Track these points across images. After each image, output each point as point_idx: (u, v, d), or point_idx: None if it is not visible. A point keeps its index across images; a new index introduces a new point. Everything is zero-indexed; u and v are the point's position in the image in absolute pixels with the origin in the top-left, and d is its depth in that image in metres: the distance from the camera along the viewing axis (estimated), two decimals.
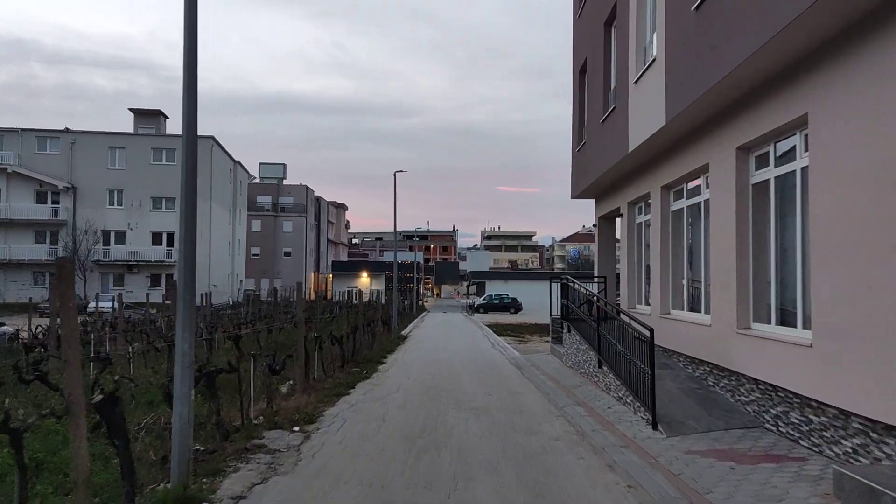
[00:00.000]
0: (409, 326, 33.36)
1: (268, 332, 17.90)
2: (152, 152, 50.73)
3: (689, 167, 9.81)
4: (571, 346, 13.97)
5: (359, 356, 16.37)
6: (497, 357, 17.83)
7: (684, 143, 9.90)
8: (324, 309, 35.73)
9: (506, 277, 76.48)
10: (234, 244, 60.61)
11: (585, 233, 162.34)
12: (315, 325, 24.63)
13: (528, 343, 23.77)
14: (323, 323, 25.10)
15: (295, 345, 11.76)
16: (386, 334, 23.53)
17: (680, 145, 10.12)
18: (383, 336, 22.79)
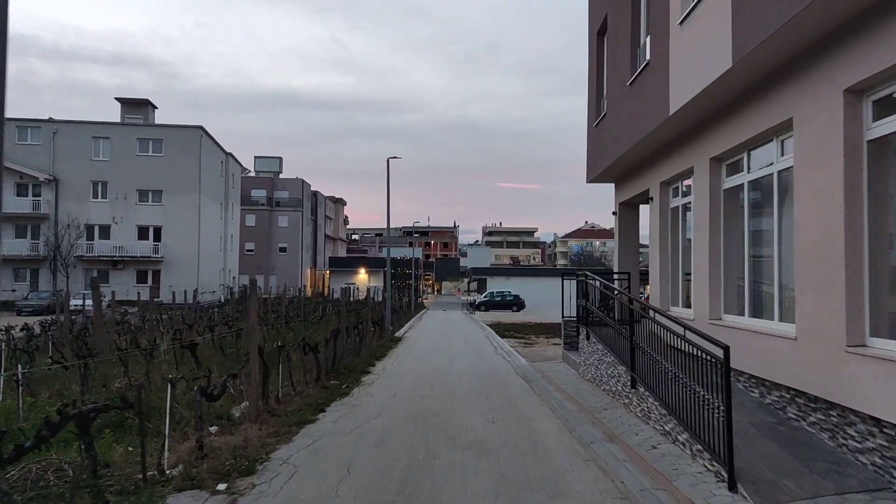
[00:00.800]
0: (404, 327, 31.06)
1: (235, 336, 15.60)
2: (138, 143, 48.39)
3: (757, 128, 7.46)
4: (591, 356, 11.66)
5: (341, 365, 14.07)
6: (501, 365, 15.51)
7: (754, 94, 7.54)
8: (314, 307, 33.47)
9: (508, 274, 74.15)
10: (226, 239, 58.31)
11: (588, 228, 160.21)
12: (304, 325, 22.39)
13: (534, 346, 21.46)
14: (311, 323, 22.82)
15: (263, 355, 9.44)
16: (377, 337, 21.23)
17: (744, 100, 7.76)
18: (374, 339, 20.48)
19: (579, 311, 12.99)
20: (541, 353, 19.00)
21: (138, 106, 51.77)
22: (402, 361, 16.26)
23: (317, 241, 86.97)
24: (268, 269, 73.30)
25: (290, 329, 18.36)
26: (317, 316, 26.04)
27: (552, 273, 76.88)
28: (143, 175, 48.05)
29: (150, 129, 49.11)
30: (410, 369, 14.63)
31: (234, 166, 61.52)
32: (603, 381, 10.65)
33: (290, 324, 19.47)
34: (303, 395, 10.50)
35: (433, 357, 17.35)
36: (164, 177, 48.16)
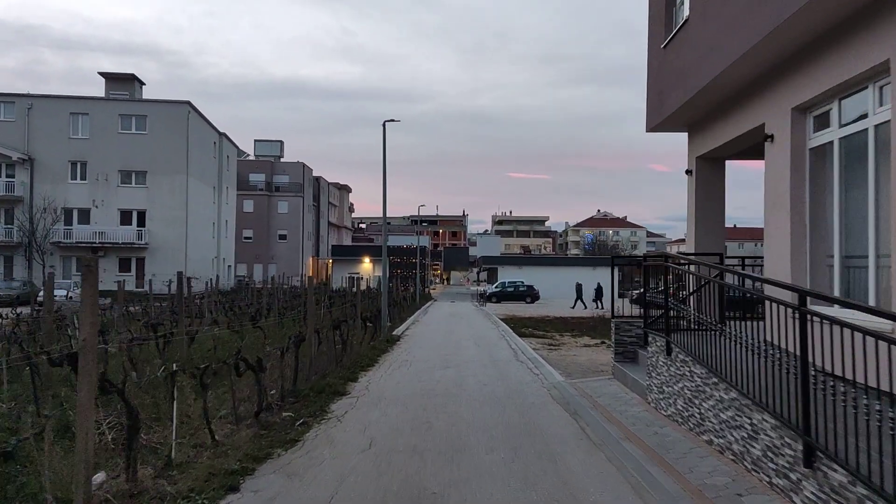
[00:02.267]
0: (406, 322, 27.06)
1: (189, 341, 11.63)
2: (120, 119, 44.54)
3: None
4: (676, 382, 7.62)
5: (307, 384, 10.11)
6: (527, 382, 11.46)
7: None
8: (303, 299, 29.51)
9: (520, 263, 70.02)
10: (219, 225, 54.50)
11: (601, 217, 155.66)
12: (281, 323, 18.47)
13: (561, 349, 17.42)
14: (288, 321, 18.88)
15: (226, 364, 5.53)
16: (369, 337, 17.27)
17: None
18: (365, 340, 16.50)
19: (647, 311, 8.97)
20: (573, 359, 14.95)
21: (123, 81, 47.89)
22: (395, 374, 12.26)
23: (319, 228, 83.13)
24: (267, 257, 69.56)
25: (259, 329, 14.44)
26: (297, 312, 22.08)
27: (567, 262, 72.67)
28: (126, 154, 44.24)
29: (133, 105, 45.22)
30: (403, 389, 10.62)
31: (230, 148, 57.64)
32: (705, 425, 6.62)
33: (258, 321, 15.54)
34: (220, 448, 6.52)
35: (436, 367, 13.34)
36: (149, 156, 44.32)
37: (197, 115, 47.18)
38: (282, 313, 20.14)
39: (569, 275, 65.56)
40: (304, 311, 21.98)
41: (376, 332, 18.31)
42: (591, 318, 30.59)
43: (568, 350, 17.29)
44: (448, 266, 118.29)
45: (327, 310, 24.95)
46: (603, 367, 13.68)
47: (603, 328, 24.78)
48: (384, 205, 20.44)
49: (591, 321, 28.91)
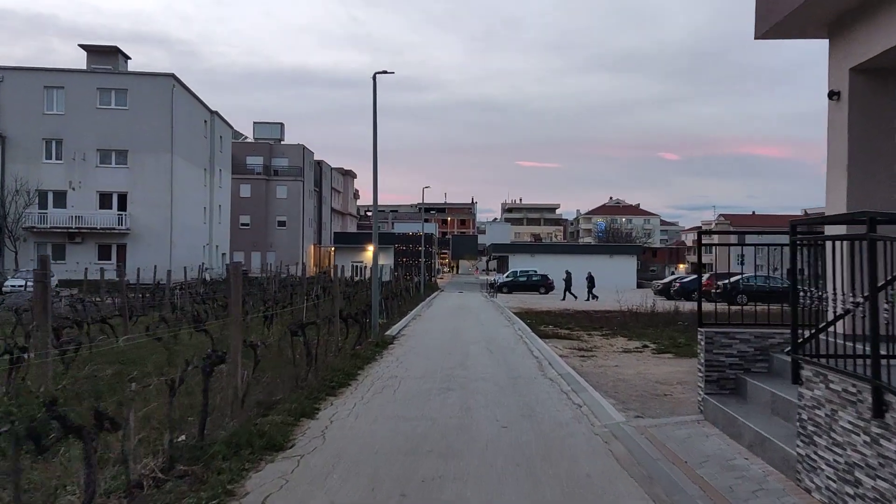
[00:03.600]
0: (406, 317, 23.34)
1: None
2: (99, 94, 40.90)
3: None
4: (886, 466, 3.82)
5: (227, 430, 6.41)
6: (570, 423, 7.60)
7: None
8: (292, 290, 25.88)
9: (532, 251, 66.23)
10: (211, 210, 50.95)
11: (613, 204, 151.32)
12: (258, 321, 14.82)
13: (597, 356, 13.65)
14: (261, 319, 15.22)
15: None
16: (352, 341, 13.56)
17: None
18: (343, 347, 12.79)
19: (797, 322, 5.19)
20: (618, 374, 11.17)
21: (106, 55, 44.19)
22: (374, 403, 8.51)
23: (321, 215, 79.53)
24: (265, 245, 66.05)
25: (204, 333, 10.83)
26: (281, 304, 18.41)
27: (582, 250, 68.74)
28: (105, 132, 40.63)
29: (112, 78, 41.53)
30: (379, 436, 6.87)
31: (223, 128, 53.96)
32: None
33: (203, 322, 11.87)
34: None
35: (434, 388, 9.58)
36: (130, 134, 40.70)
37: (183, 90, 43.47)
38: (265, 307, 16.47)
39: (584, 263, 61.61)
40: (283, 303, 18.31)
41: (363, 333, 14.59)
42: (617, 311, 26.78)
43: (605, 357, 13.51)
44: (456, 254, 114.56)
45: (314, 304, 21.31)
46: (663, 387, 9.91)
47: (635, 325, 21.02)
48: (374, 174, 16.67)
49: (619, 315, 25.12)
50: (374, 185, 16.83)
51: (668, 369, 11.84)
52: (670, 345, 15.52)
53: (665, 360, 13.26)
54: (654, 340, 16.64)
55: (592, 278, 41.09)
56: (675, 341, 16.23)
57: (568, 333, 18.28)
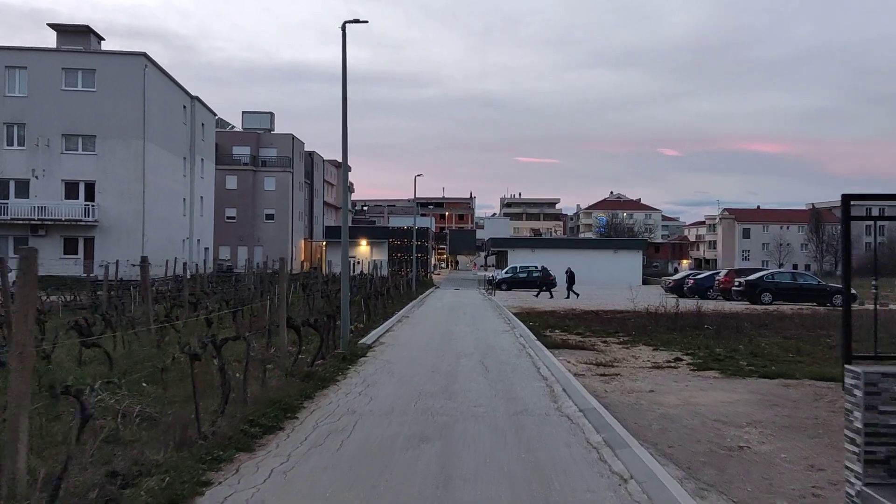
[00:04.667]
0: (390, 320, 20.31)
1: None
2: (64, 74, 37.73)
3: None
4: None
5: None
6: None
7: None
8: (260, 292, 22.91)
9: (532, 246, 63.21)
10: (192, 202, 47.82)
11: (614, 199, 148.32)
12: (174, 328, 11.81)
13: (622, 374, 10.65)
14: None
15: None
16: (310, 356, 10.56)
17: None
18: (292, 366, 9.78)
19: None
20: (656, 403, 8.15)
21: (77, 35, 40.95)
22: (294, 483, 5.43)
23: (313, 208, 76.47)
24: (252, 239, 62.95)
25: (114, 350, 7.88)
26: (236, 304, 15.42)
27: (585, 245, 65.71)
28: (71, 115, 37.47)
29: (79, 57, 38.34)
30: None
31: (205, 115, 50.81)
32: None
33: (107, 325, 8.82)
34: None
35: (399, 448, 6.45)
36: (99, 118, 37.54)
37: (158, 71, 40.31)
38: (211, 308, 13.45)
39: (587, 259, 58.74)
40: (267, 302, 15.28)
41: (325, 344, 11.56)
42: (631, 312, 23.78)
43: (633, 376, 10.51)
44: (454, 250, 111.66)
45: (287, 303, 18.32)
46: (731, 431, 6.91)
47: (654, 329, 18.06)
48: (344, 138, 13.56)
49: (633, 317, 22.15)
50: (343, 150, 13.75)
51: (722, 397, 8.84)
52: (708, 357, 12.54)
53: (710, 380, 10.27)
54: (685, 350, 13.68)
55: (573, 274, 38.43)
56: (712, 352, 13.26)
57: (579, 341, 15.26)
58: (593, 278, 55.79)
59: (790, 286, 27.98)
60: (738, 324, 19.35)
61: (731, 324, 19.31)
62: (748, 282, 28.18)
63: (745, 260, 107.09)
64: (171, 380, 8.73)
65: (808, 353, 13.20)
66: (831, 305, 27.36)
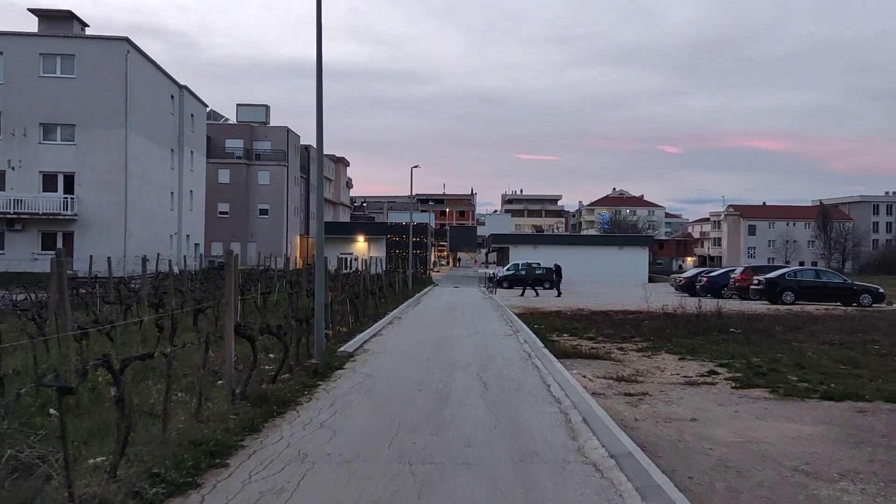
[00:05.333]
0: (381, 321, 18.34)
1: None
2: (42, 60, 35.74)
3: None
4: None
5: None
6: None
7: None
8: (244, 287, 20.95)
9: (535, 242, 61.22)
10: (181, 195, 45.87)
11: (617, 196, 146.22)
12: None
13: (649, 392, 8.72)
14: None
15: None
16: (276, 368, 8.62)
17: None
18: (249, 386, 7.82)
19: None
20: (717, 450, 6.13)
21: (59, 20, 38.85)
22: None
23: (309, 203, 74.50)
24: (245, 235, 61.05)
25: None
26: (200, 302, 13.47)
27: (589, 241, 63.65)
28: (50, 104, 35.49)
29: (58, 42, 36.34)
30: None
31: (195, 105, 48.80)
32: None
33: None
34: None
35: (367, 488, 4.57)
36: (79, 106, 35.57)
37: (142, 58, 38.30)
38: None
39: (591, 255, 56.80)
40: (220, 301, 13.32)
41: (290, 354, 9.59)
42: (644, 313, 21.81)
43: (665, 397, 8.55)
44: (454, 247, 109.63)
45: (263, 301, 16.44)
46: (823, 488, 4.92)
47: (673, 332, 16.15)
48: (319, 102, 11.54)
49: (646, 318, 20.20)
50: (317, 115, 11.75)
51: (788, 430, 6.87)
52: (748, 370, 10.58)
53: (762, 403, 8.31)
54: (716, 359, 11.76)
55: (559, 270, 36.65)
56: (749, 363, 11.31)
57: (592, 348, 13.28)
58: (597, 276, 53.83)
59: (814, 285, 25.95)
60: (766, 327, 17.37)
61: (759, 327, 17.34)
62: (769, 280, 26.15)
63: (750, 257, 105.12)
64: (87, 404, 6.82)
65: (863, 365, 11.22)
66: (858, 305, 25.37)
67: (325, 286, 11.48)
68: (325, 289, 13.94)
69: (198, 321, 12.54)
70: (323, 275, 11.58)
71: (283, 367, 9.34)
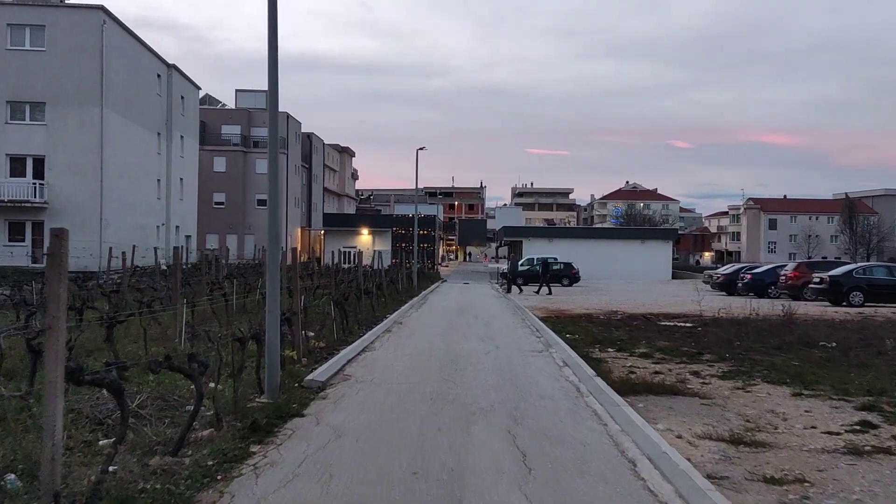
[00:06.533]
0: (376, 328, 14.71)
1: None
2: (9, 31, 32.25)
3: None
4: None
5: None
6: None
7: None
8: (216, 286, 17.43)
9: (550, 235, 57.43)
10: (169, 183, 42.43)
11: (630, 189, 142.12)
12: None
13: (805, 475, 5.00)
14: None
15: None
16: (163, 434, 5.08)
17: None
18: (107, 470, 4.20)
19: None
20: None
21: None
22: None
23: (311, 194, 70.97)
24: (242, 227, 57.60)
25: None
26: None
27: (609, 235, 59.62)
28: (17, 79, 32.03)
29: (26, 11, 32.83)
30: None
31: (185, 86, 45.30)
32: None
33: None
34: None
35: None
36: (49, 82, 32.13)
37: (121, 30, 34.78)
38: None
39: (609, 250, 53.01)
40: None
41: (195, 408, 6.00)
42: (695, 317, 18.11)
43: (821, 476, 4.88)
44: (464, 241, 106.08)
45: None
46: None
47: (744, 345, 12.59)
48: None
49: (698, 323, 16.57)
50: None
51: None
52: None
53: None
54: (841, 393, 8.21)
55: (548, 265, 33.18)
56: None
57: (658, 374, 9.61)
58: (617, 272, 50.07)
59: (887, 284, 22.13)
60: (864, 339, 13.63)
61: (854, 339, 13.62)
62: (833, 278, 22.33)
63: (770, 252, 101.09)
64: None
65: None
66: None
67: (278, 291, 7.86)
68: (300, 293, 10.32)
69: (112, 338, 8.95)
70: (277, 276, 7.95)
71: (190, 425, 5.75)
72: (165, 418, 6.63)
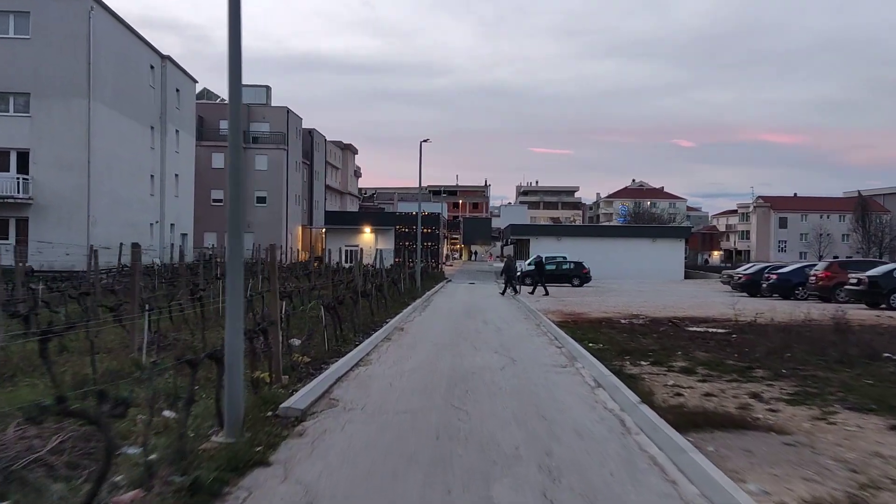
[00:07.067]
0: (373, 336, 12.99)
1: None
2: None
3: None
4: None
5: None
6: None
7: None
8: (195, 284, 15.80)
9: (558, 234, 55.68)
10: (163, 179, 40.85)
11: (636, 187, 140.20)
12: None
13: None
14: None
15: None
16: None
17: None
18: None
19: None
20: None
21: None
22: None
23: (313, 192, 69.37)
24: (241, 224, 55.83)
25: None
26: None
27: (620, 233, 57.81)
28: (0, 69, 30.50)
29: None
30: None
31: (179, 79, 43.66)
32: None
33: None
34: None
35: None
36: (34, 72, 30.55)
37: (110, 17, 33.15)
38: None
39: (618, 248, 51.27)
40: None
41: (104, 467, 4.30)
42: (729, 321, 16.35)
43: None
44: (468, 239, 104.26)
45: None
46: None
47: (796, 356, 10.90)
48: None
49: (732, 328, 14.84)
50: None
51: None
52: None
53: None
54: None
55: (542, 265, 31.49)
56: None
57: (711, 398, 7.89)
58: (626, 271, 48.31)
59: None
60: None
61: None
62: (871, 279, 20.56)
63: (781, 251, 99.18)
64: None
65: None
66: None
67: (241, 301, 6.16)
68: (278, 297, 8.63)
69: (47, 354, 7.26)
70: (240, 278, 6.25)
71: (96, 490, 4.05)
72: (88, 468, 4.95)
